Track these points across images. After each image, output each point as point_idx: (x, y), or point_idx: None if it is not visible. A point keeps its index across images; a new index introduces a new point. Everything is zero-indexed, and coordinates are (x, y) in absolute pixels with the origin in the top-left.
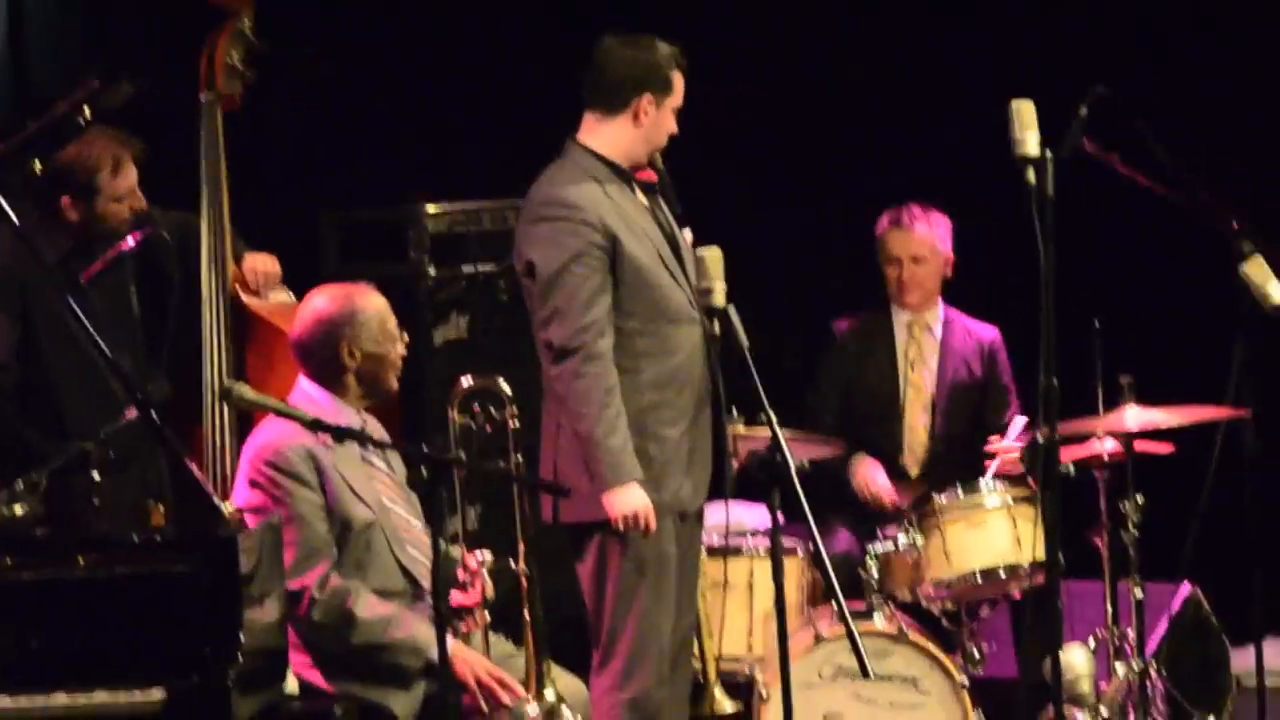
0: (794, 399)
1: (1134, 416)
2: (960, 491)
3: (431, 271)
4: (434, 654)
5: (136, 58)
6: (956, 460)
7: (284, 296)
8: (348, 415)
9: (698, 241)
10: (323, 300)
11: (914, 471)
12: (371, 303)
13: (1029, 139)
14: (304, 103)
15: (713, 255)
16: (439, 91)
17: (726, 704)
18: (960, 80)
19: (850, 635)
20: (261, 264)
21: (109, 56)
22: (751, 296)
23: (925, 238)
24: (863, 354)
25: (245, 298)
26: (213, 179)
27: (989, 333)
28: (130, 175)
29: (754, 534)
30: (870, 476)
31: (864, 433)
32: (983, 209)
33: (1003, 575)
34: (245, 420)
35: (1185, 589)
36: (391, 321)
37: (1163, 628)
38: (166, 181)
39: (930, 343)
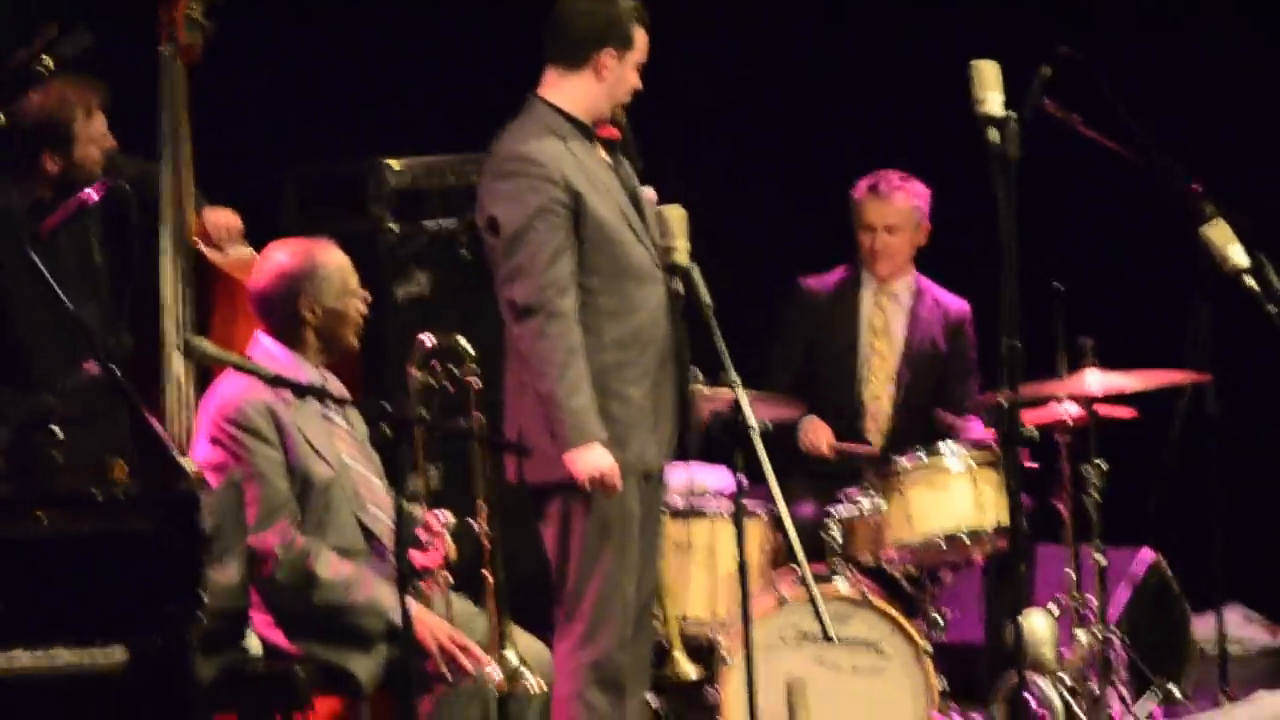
0: (757, 358)
1: (1096, 380)
2: (923, 454)
3: (393, 227)
4: (396, 617)
5: (95, 8)
6: (918, 430)
7: (245, 251)
8: (307, 371)
9: (661, 199)
10: (283, 255)
11: (875, 440)
12: (332, 258)
13: (991, 99)
14: (264, 57)
15: (676, 213)
16: (400, 46)
17: (690, 670)
18: (929, 41)
19: (812, 599)
20: (223, 218)
21: (67, 7)
22: (718, 253)
23: (902, 207)
24: (827, 316)
25: (207, 251)
26: (173, 132)
27: (958, 305)
28: (101, 118)
29: (716, 495)
30: (814, 430)
31: (823, 395)
32: (946, 172)
33: (965, 539)
34: (206, 374)
35: (1147, 554)
36: (353, 278)
37: (1125, 594)
38: (127, 134)
39: (896, 312)
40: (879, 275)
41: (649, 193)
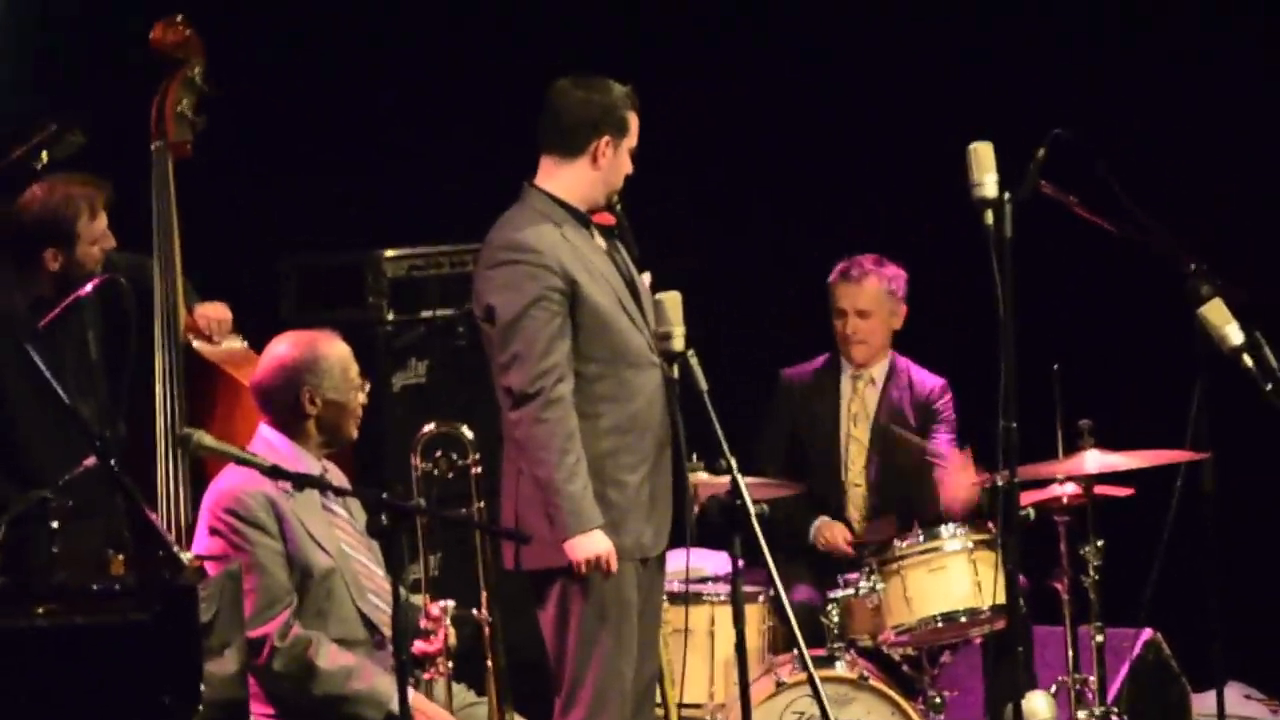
0: (751, 443)
1: (1094, 460)
2: (921, 536)
3: (390, 317)
4: (395, 706)
5: (88, 106)
6: (897, 513)
7: (237, 343)
8: (308, 462)
9: (656, 285)
10: (285, 346)
11: (858, 525)
12: (334, 350)
13: (987, 181)
14: (261, 149)
15: (672, 299)
16: (396, 137)
17: None
18: (918, 124)
19: (812, 682)
20: (214, 311)
21: (62, 105)
22: (703, 343)
23: (873, 291)
24: (808, 406)
25: (198, 344)
26: (164, 227)
27: (934, 382)
28: (103, 218)
29: (715, 580)
30: (828, 530)
31: (809, 484)
32: (939, 254)
33: (963, 620)
34: (198, 468)
35: (1146, 633)
36: (354, 369)
37: (1124, 672)
38: (118, 229)
39: (872, 396)
40: (855, 360)
41: (645, 279)
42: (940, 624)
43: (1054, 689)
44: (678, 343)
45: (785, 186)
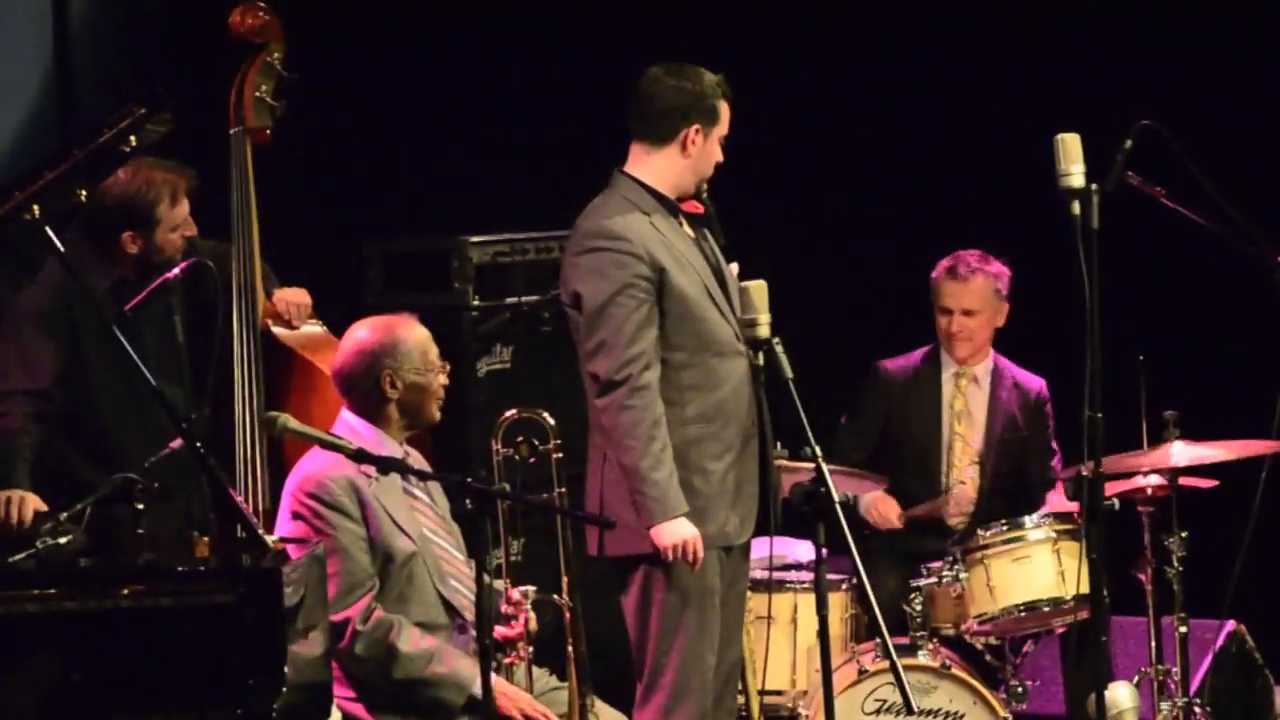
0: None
1: (1179, 452)
2: (1005, 526)
3: (475, 302)
4: (476, 689)
5: (170, 92)
6: (1001, 512)
7: (316, 328)
8: (390, 446)
9: (744, 274)
10: (364, 331)
11: (956, 522)
12: (413, 333)
13: (1074, 172)
14: (350, 133)
15: (757, 287)
16: (484, 122)
17: None
18: (1008, 114)
19: (894, 670)
20: (293, 295)
21: (148, 88)
22: (797, 331)
23: (980, 290)
24: (907, 400)
25: (277, 330)
26: (242, 213)
27: (1036, 383)
28: (185, 205)
29: (798, 567)
30: (882, 504)
31: (904, 479)
32: (1027, 245)
33: (1046, 609)
34: (276, 453)
35: (1229, 625)
36: (433, 351)
37: (1207, 664)
38: (198, 215)
39: (977, 396)
40: (957, 358)
41: (733, 267)
42: (1023, 613)
43: (1136, 680)
44: (763, 330)
45: (867, 175)
